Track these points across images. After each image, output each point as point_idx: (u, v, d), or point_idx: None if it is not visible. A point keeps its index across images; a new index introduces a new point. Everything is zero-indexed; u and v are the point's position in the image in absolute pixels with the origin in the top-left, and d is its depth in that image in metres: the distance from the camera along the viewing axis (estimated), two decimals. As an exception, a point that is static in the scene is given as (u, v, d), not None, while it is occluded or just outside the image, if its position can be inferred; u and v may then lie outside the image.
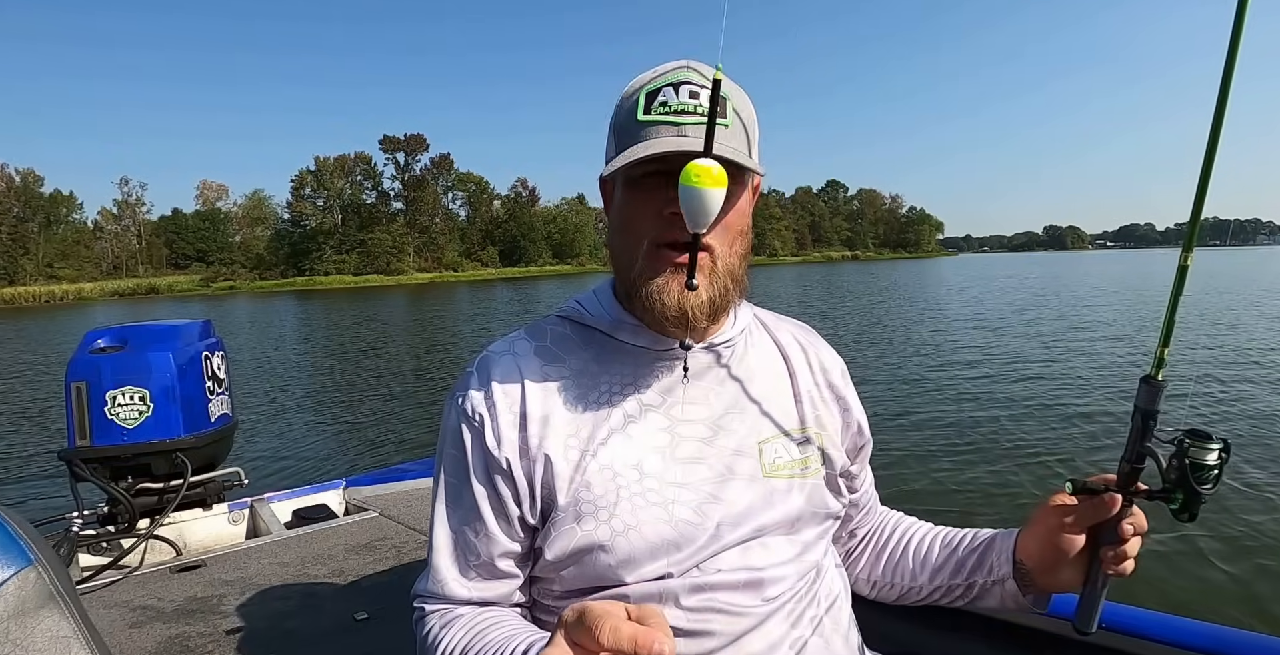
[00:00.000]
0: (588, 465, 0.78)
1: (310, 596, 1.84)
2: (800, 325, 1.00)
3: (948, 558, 0.95)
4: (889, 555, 1.00)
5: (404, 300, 38.32)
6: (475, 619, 0.77)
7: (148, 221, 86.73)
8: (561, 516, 0.77)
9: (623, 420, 0.80)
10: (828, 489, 0.87)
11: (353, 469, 5.68)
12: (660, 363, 0.83)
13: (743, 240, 0.81)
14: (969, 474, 5.11)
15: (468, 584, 0.80)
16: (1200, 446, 0.74)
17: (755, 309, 0.96)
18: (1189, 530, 3.99)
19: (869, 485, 1.02)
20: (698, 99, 0.75)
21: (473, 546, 0.80)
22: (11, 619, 0.61)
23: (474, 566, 0.80)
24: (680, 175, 0.67)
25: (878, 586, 1.01)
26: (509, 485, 0.79)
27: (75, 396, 2.04)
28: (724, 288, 0.79)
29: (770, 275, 55.16)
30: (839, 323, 16.65)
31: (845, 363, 0.98)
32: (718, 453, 0.81)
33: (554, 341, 0.86)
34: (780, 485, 0.82)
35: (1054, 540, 0.82)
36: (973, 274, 47.82)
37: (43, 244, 72.99)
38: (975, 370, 9.49)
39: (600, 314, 0.86)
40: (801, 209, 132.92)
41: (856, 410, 0.94)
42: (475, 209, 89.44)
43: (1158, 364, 0.75)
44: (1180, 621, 1.08)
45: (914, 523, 1.04)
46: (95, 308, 49.87)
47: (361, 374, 11.81)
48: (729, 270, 0.79)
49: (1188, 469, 0.74)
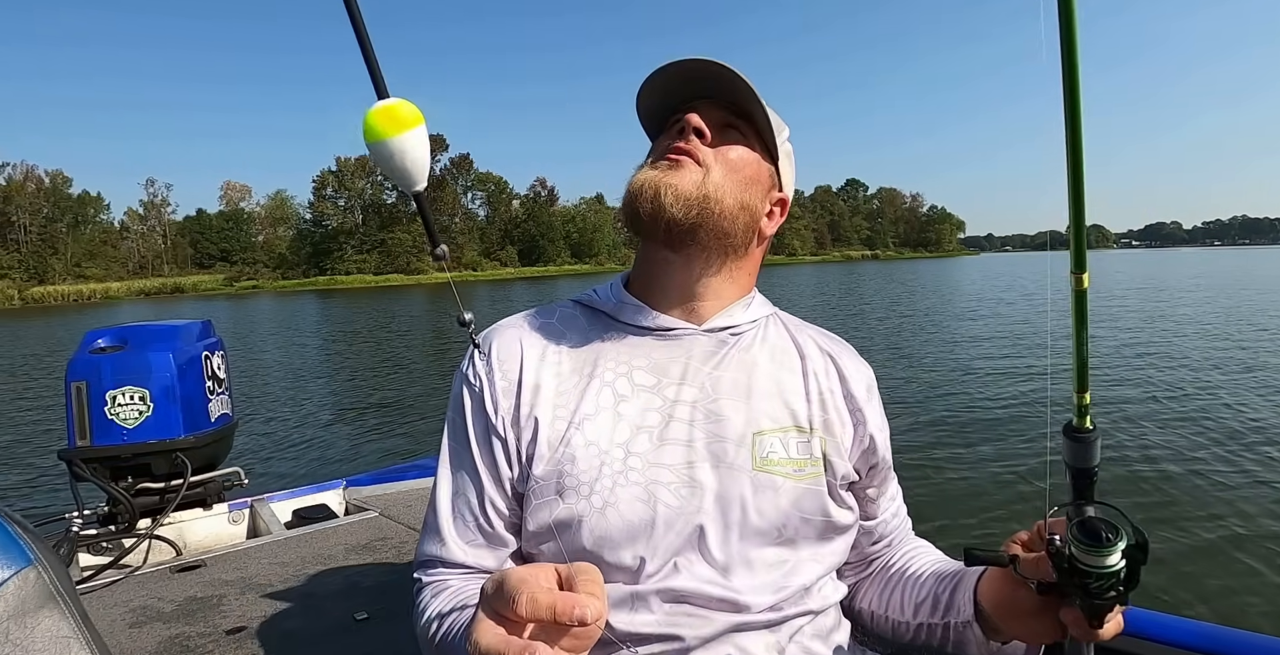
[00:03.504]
0: (572, 438, 0.78)
1: (310, 596, 1.83)
2: (827, 333, 0.97)
3: (929, 592, 0.86)
4: (887, 585, 0.92)
5: (422, 299, 38.63)
6: (461, 588, 0.78)
7: (173, 222, 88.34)
8: (542, 486, 0.77)
9: (614, 399, 0.81)
10: (829, 497, 0.82)
11: (353, 469, 5.71)
12: (660, 343, 0.84)
13: (746, 187, 0.84)
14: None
15: (465, 547, 0.80)
16: (1085, 548, 0.60)
17: (779, 311, 0.96)
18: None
19: (890, 516, 0.94)
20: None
21: (472, 508, 0.81)
22: (11, 619, 0.61)
23: (472, 529, 0.81)
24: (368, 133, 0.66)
25: (875, 619, 0.93)
26: (503, 449, 0.80)
27: (75, 396, 2.05)
28: (704, 196, 0.81)
29: (788, 275, 54.82)
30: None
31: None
32: (707, 438, 0.79)
33: (560, 321, 0.89)
34: (770, 480, 0.79)
35: (1005, 588, 0.74)
36: (1006, 273, 46.95)
37: (71, 244, 74.34)
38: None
39: (608, 298, 0.89)
40: (821, 208, 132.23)
41: (874, 426, 0.88)
42: (494, 209, 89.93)
43: (1079, 413, 0.64)
44: (1180, 621, 1.07)
45: (924, 552, 0.95)
46: (122, 306, 50.78)
47: (366, 374, 11.90)
48: (719, 192, 0.82)
49: (1074, 568, 0.61)
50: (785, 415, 0.83)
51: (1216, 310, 16.81)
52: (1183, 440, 5.80)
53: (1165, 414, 6.70)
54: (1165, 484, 4.79)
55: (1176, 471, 5.01)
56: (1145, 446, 5.62)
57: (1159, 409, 6.90)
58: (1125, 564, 0.61)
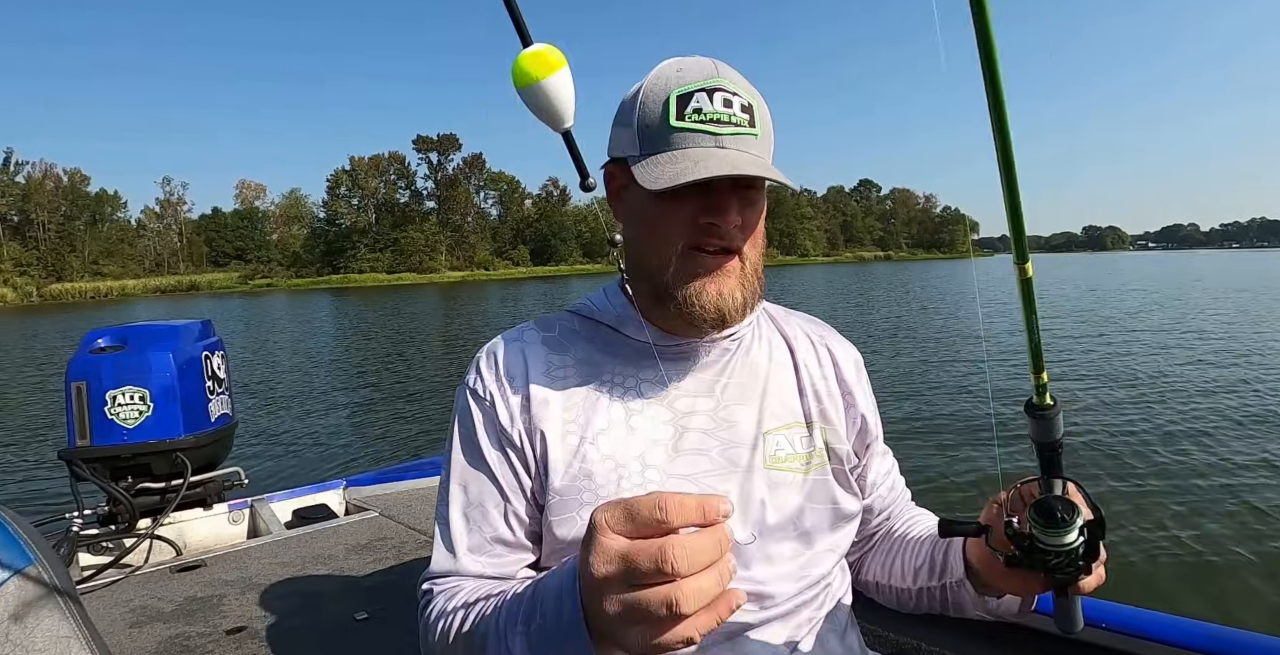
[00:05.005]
0: (586, 452, 0.79)
1: (310, 596, 1.83)
2: (811, 318, 1.00)
3: (926, 556, 0.89)
4: (889, 554, 0.96)
5: (434, 298, 38.82)
6: (479, 587, 0.76)
7: (188, 220, 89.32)
8: (560, 501, 0.78)
9: (625, 412, 0.81)
10: (837, 484, 0.85)
11: (353, 469, 5.73)
12: (663, 357, 0.84)
13: (763, 240, 0.84)
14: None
15: (480, 559, 0.79)
16: (1042, 528, 0.63)
17: (765, 304, 0.96)
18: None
19: (886, 490, 0.97)
20: (731, 108, 0.75)
21: (489, 518, 0.80)
22: (11, 619, 0.61)
23: (489, 540, 0.80)
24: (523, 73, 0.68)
25: (880, 589, 0.97)
26: (520, 460, 0.80)
27: (75, 396, 2.06)
28: (754, 287, 0.81)
29: (798, 276, 54.75)
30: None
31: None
32: (720, 445, 0.81)
33: (561, 334, 0.88)
34: (782, 477, 0.82)
35: (985, 549, 0.76)
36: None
37: (88, 241, 75.38)
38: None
39: (607, 309, 0.88)
40: (833, 208, 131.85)
41: (863, 404, 0.92)
42: (507, 208, 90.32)
43: (1039, 391, 0.64)
44: (1179, 621, 1.08)
45: (922, 519, 0.98)
46: (138, 304, 51.35)
47: (371, 373, 11.95)
48: (755, 270, 0.82)
49: (1035, 547, 0.64)
50: (787, 412, 0.86)
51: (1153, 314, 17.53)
52: (1146, 422, 6.52)
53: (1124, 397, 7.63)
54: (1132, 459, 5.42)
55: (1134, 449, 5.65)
56: (1107, 428, 6.24)
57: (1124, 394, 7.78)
58: (1084, 540, 0.63)
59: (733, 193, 0.77)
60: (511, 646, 0.63)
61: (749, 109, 0.76)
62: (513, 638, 0.63)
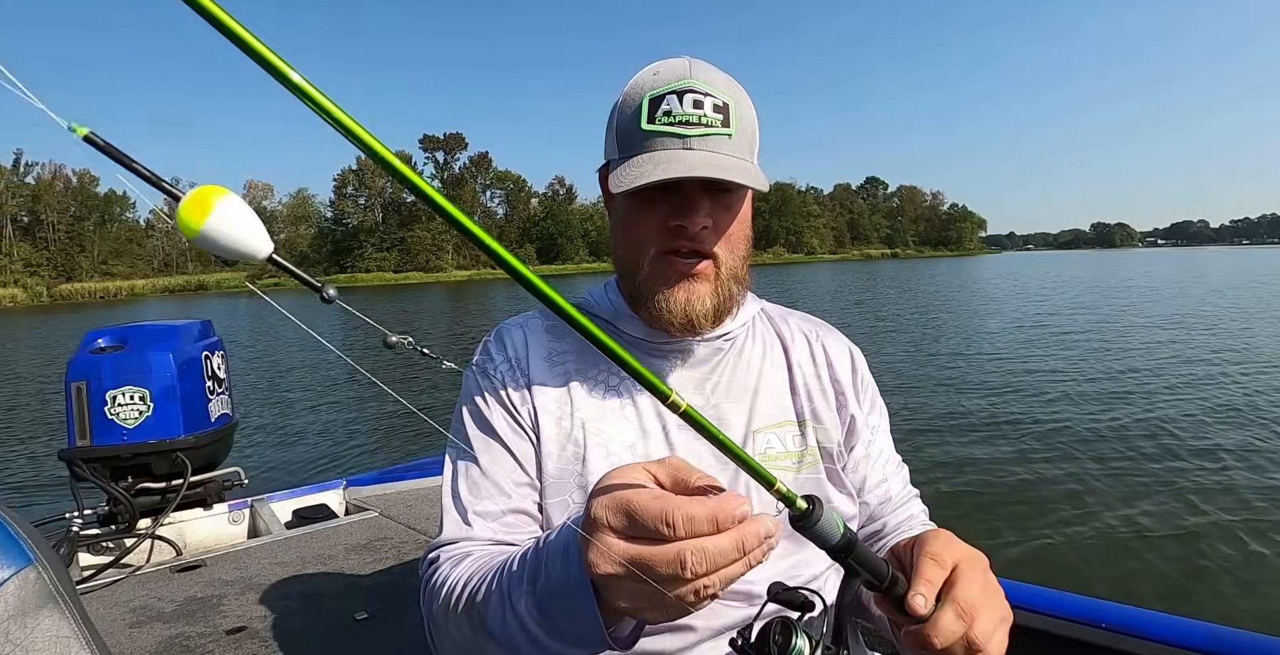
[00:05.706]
0: (579, 437, 0.81)
1: (310, 596, 1.83)
2: (809, 318, 1.00)
3: None
4: None
5: (441, 296, 38.89)
6: (488, 552, 0.75)
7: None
8: (554, 484, 0.80)
9: (619, 404, 0.84)
10: (831, 484, 0.85)
11: (353, 469, 5.74)
12: (655, 353, 0.86)
13: (745, 243, 0.84)
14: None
15: (493, 525, 0.79)
16: (791, 629, 0.60)
17: (763, 303, 0.97)
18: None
19: (876, 500, 0.92)
20: (702, 108, 0.76)
21: (502, 490, 0.80)
22: (11, 619, 0.60)
23: (502, 510, 0.80)
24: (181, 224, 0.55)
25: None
26: (527, 436, 0.82)
27: (75, 396, 2.06)
28: (728, 292, 0.82)
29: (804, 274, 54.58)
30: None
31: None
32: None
33: (561, 324, 0.89)
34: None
35: None
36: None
37: (98, 242, 75.80)
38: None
39: (604, 304, 0.90)
40: (840, 206, 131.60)
41: (854, 406, 0.90)
42: (513, 207, 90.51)
43: (786, 500, 0.54)
44: (1179, 621, 1.09)
45: (910, 520, 0.93)
46: (147, 303, 51.66)
47: (373, 373, 11.91)
48: (732, 274, 0.82)
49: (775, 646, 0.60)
50: (779, 410, 0.87)
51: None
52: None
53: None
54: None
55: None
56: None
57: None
58: (818, 639, 0.60)
59: (704, 195, 0.77)
60: (516, 606, 0.62)
61: (723, 109, 0.76)
62: (517, 598, 0.62)
